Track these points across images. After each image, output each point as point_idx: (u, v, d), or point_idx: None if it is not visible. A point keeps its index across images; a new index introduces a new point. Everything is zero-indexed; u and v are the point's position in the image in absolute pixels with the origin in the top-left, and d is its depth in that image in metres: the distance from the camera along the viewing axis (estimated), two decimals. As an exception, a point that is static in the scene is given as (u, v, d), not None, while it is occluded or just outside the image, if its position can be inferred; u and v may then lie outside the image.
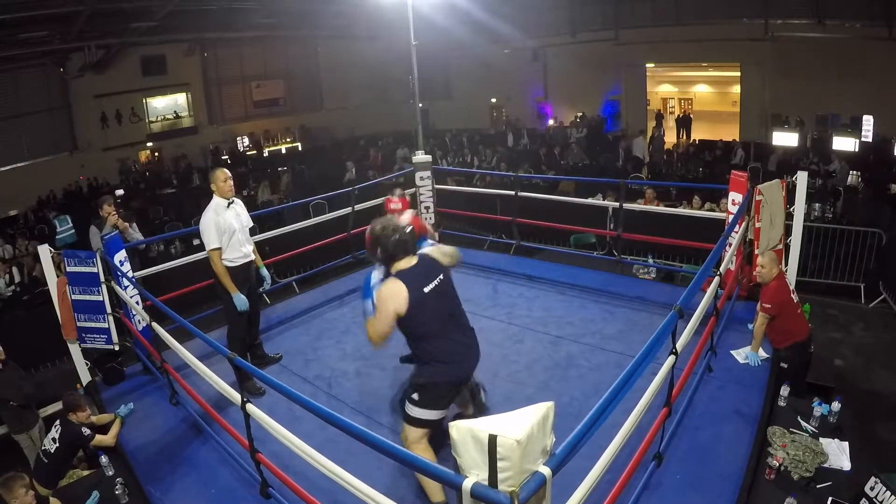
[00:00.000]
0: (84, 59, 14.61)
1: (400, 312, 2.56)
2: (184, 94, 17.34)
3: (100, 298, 4.16)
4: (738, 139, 14.24)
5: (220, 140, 17.97)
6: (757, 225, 4.39)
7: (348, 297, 5.47)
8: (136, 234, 5.05)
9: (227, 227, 3.81)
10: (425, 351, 2.67)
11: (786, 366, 3.72)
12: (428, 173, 6.28)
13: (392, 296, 2.57)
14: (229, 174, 3.91)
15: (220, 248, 3.80)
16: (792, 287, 3.92)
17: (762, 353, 3.88)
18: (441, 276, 2.72)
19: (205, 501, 3.04)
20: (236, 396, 2.69)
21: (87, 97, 15.31)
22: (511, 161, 12.70)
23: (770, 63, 13.66)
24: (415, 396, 2.65)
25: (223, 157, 17.04)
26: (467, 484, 1.58)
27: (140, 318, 4.18)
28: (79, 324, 4.22)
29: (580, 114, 17.01)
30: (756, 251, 4.46)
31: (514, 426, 1.60)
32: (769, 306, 3.70)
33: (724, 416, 3.29)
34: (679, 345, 2.64)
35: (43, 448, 3.52)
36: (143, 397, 4.07)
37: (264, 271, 4.22)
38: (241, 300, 3.86)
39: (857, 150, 11.70)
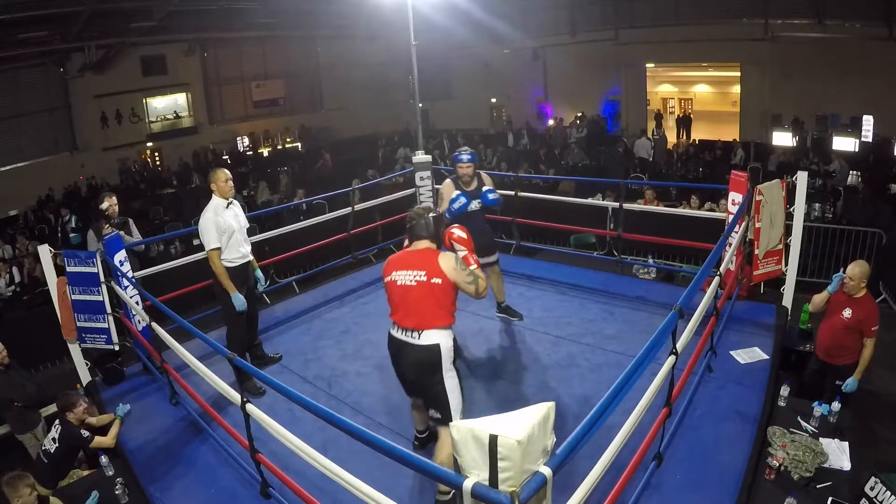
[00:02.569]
0: (84, 59, 14.60)
1: None
2: (184, 94, 17.33)
3: (100, 298, 4.16)
4: (738, 139, 14.23)
5: (220, 140, 17.97)
6: (757, 225, 4.39)
7: (348, 297, 5.47)
8: (131, 239, 5.04)
9: (227, 227, 3.81)
10: None
11: (840, 383, 3.54)
12: (428, 173, 6.28)
13: None
14: (229, 174, 3.91)
15: (219, 248, 3.80)
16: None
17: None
18: None
19: (205, 501, 3.04)
20: (236, 396, 2.69)
21: (87, 97, 15.30)
22: (511, 161, 12.70)
23: (770, 63, 13.66)
24: None
25: (223, 157, 17.05)
26: (468, 484, 1.58)
27: (140, 318, 4.18)
28: (79, 324, 4.22)
29: (580, 113, 17.01)
30: (756, 251, 4.46)
31: (514, 426, 1.60)
32: (877, 328, 3.45)
33: (724, 416, 3.29)
34: (679, 345, 2.64)
35: (43, 448, 3.52)
36: (143, 397, 4.07)
37: (259, 273, 4.23)
38: (239, 300, 3.86)
39: (857, 150, 11.70)
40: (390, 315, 2.77)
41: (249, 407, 2.62)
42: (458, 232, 2.92)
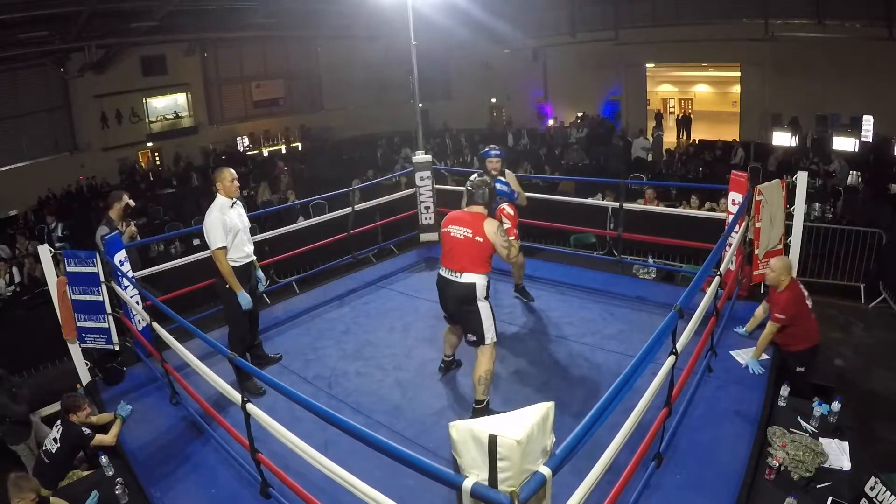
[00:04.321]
0: (84, 59, 14.60)
1: None
2: (184, 94, 17.34)
3: (100, 298, 4.16)
4: (738, 139, 14.24)
5: (220, 140, 17.97)
6: (757, 225, 4.39)
7: (348, 297, 5.47)
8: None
9: (233, 227, 3.81)
10: None
11: (803, 369, 3.66)
12: (428, 173, 6.28)
13: None
14: (235, 174, 3.91)
15: (226, 248, 3.79)
16: (806, 292, 3.87)
17: (762, 356, 3.87)
18: None
19: (205, 501, 3.04)
20: (236, 396, 2.69)
21: (87, 97, 15.30)
22: (511, 161, 12.69)
23: (770, 63, 13.66)
24: None
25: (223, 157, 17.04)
26: (467, 484, 1.58)
27: (140, 318, 4.18)
28: (79, 324, 4.22)
29: (581, 113, 17.01)
30: (756, 251, 4.46)
31: (514, 426, 1.60)
32: (782, 317, 3.63)
33: (724, 416, 3.29)
34: (679, 345, 2.64)
35: (44, 448, 3.52)
36: (143, 397, 4.07)
37: (260, 273, 4.23)
38: (245, 299, 3.86)
39: (857, 150, 11.69)
40: (440, 258, 3.49)
41: (250, 407, 2.62)
42: (508, 209, 3.96)
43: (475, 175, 3.67)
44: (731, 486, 2.76)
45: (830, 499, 2.68)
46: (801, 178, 4.29)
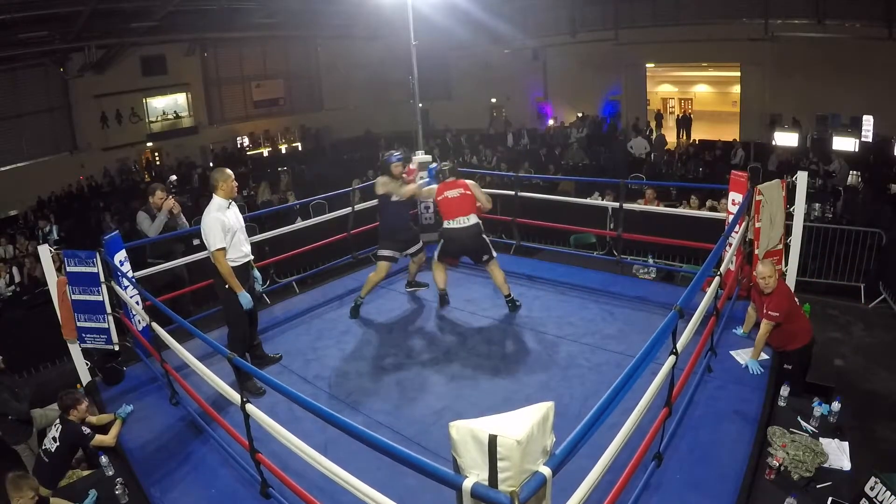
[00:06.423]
0: (84, 59, 14.61)
1: None
2: (184, 94, 17.34)
3: (100, 298, 4.16)
4: (738, 139, 14.24)
5: (220, 140, 17.97)
6: (757, 225, 4.39)
7: (348, 298, 5.46)
8: (184, 221, 5.21)
9: (230, 227, 3.81)
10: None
11: (790, 367, 3.68)
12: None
13: None
14: (233, 174, 3.91)
15: (224, 248, 3.79)
16: (791, 289, 3.90)
17: (762, 354, 3.87)
18: None
19: (205, 501, 3.04)
20: (236, 396, 2.69)
21: (87, 97, 15.31)
22: (511, 161, 12.71)
23: (770, 63, 13.67)
24: None
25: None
26: (467, 484, 1.58)
27: (140, 318, 4.18)
28: (79, 324, 4.22)
29: (580, 114, 17.00)
30: (756, 251, 4.46)
31: (514, 426, 1.60)
32: (777, 314, 3.62)
33: (724, 416, 3.29)
34: (679, 345, 2.64)
35: (43, 447, 3.52)
36: (143, 397, 4.07)
37: (256, 272, 4.23)
38: (246, 298, 3.86)
39: (857, 150, 11.70)
40: (449, 216, 4.60)
41: (249, 407, 2.62)
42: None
43: (443, 163, 4.97)
44: (731, 486, 2.76)
45: (830, 499, 2.68)
46: (801, 178, 4.29)
